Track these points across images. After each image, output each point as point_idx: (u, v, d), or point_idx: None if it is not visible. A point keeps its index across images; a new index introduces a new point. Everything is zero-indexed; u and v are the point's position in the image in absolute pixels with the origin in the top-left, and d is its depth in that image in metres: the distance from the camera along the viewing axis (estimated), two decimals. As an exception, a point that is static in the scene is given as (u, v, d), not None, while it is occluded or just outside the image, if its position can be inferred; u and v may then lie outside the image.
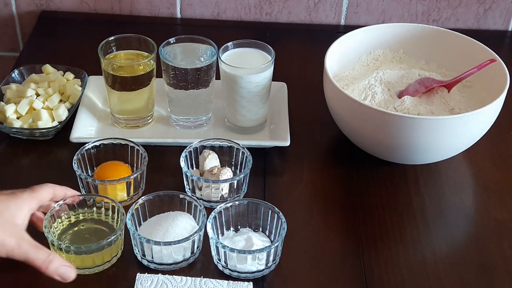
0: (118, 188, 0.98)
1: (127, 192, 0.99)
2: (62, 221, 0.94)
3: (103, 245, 0.88)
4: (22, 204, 0.87)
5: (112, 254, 0.90)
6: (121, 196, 0.99)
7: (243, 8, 1.44)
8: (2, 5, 1.44)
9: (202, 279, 0.89)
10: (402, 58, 1.19)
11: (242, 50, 1.11)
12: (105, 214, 0.94)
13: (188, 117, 1.13)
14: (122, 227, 0.90)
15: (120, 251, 0.92)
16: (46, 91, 1.15)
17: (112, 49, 1.11)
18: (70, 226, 0.94)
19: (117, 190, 0.98)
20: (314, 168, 1.09)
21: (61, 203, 0.92)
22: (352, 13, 1.43)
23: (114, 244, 0.89)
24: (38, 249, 0.85)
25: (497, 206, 1.03)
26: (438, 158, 1.07)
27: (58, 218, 0.93)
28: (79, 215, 0.95)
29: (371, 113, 0.99)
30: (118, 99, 1.12)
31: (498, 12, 1.42)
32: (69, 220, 0.94)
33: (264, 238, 0.94)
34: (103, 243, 0.88)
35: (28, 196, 0.88)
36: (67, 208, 0.93)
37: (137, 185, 1.00)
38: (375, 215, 1.01)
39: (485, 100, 1.05)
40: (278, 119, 1.14)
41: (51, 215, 0.91)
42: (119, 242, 0.91)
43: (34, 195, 0.89)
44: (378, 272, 0.92)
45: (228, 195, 1.01)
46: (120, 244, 0.92)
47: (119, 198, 0.99)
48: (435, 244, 0.97)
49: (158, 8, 1.44)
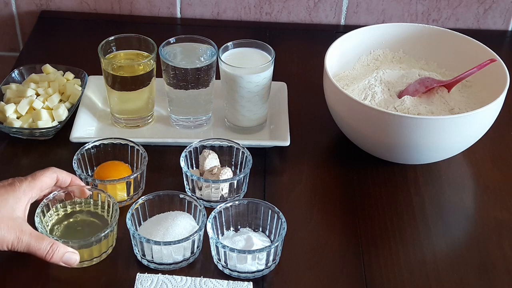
0: (118, 188, 0.98)
1: (127, 192, 0.99)
2: (58, 211, 0.94)
3: (91, 242, 0.88)
4: (21, 196, 0.87)
5: (102, 250, 0.91)
6: (121, 196, 0.99)
7: (243, 8, 1.44)
8: (2, 5, 1.44)
9: (202, 279, 0.89)
10: (402, 58, 1.19)
11: (242, 50, 1.11)
12: (101, 207, 0.94)
13: (188, 117, 1.13)
14: (114, 224, 0.90)
15: (111, 248, 0.92)
16: (46, 91, 1.15)
17: (112, 49, 1.11)
18: (65, 217, 0.94)
19: (117, 190, 0.98)
20: (314, 168, 1.09)
21: (55, 193, 0.92)
22: (352, 13, 1.43)
23: (104, 240, 0.90)
24: (40, 239, 0.86)
25: (497, 206, 1.03)
26: (438, 158, 1.07)
27: (53, 207, 0.93)
28: (75, 205, 0.95)
29: (371, 113, 0.99)
30: (118, 99, 1.12)
31: (498, 12, 1.42)
32: (65, 210, 0.94)
33: (264, 238, 0.94)
34: (91, 239, 0.88)
35: (27, 187, 0.88)
36: (63, 198, 0.93)
37: (137, 185, 1.01)
38: (375, 215, 1.01)
39: (485, 100, 1.05)
40: (278, 119, 1.14)
41: (45, 205, 0.91)
42: (110, 239, 0.91)
43: (34, 184, 0.89)
44: (378, 272, 0.92)
45: (228, 195, 1.01)
46: (111, 241, 0.92)
47: (119, 198, 0.99)
48: (435, 244, 0.97)
49: (158, 8, 1.44)
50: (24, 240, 0.85)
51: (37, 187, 0.90)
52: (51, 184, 0.92)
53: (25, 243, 0.85)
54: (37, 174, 0.90)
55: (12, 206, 0.86)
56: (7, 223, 0.85)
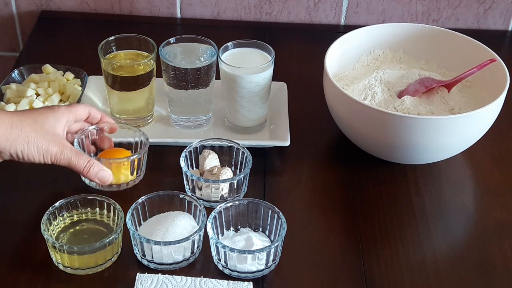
0: (122, 168, 0.99)
1: (130, 172, 1.00)
2: (64, 219, 0.94)
3: (95, 248, 0.88)
4: (60, 116, 0.94)
5: (107, 257, 0.90)
6: (125, 175, 1.00)
7: (243, 8, 1.44)
8: (2, 5, 1.44)
9: (202, 279, 0.89)
10: (402, 58, 1.19)
11: (242, 50, 1.11)
12: (107, 216, 0.95)
13: (188, 117, 1.13)
14: (119, 230, 0.90)
15: (116, 255, 0.92)
16: (46, 91, 1.15)
17: (112, 49, 1.11)
18: (71, 225, 0.94)
19: (121, 169, 0.99)
20: (314, 168, 1.09)
21: (88, 129, 1.01)
22: (352, 13, 1.43)
23: (109, 246, 0.89)
24: (79, 155, 0.94)
25: (497, 206, 1.03)
26: (438, 158, 1.07)
27: (59, 216, 0.93)
28: (82, 214, 0.95)
29: (371, 113, 0.99)
30: (118, 99, 1.12)
31: (498, 12, 1.42)
32: (72, 218, 0.94)
33: (264, 238, 0.94)
34: (96, 245, 0.88)
35: (66, 110, 0.96)
36: (69, 207, 0.94)
37: (140, 167, 1.01)
38: (375, 215, 1.01)
39: (485, 100, 1.05)
40: (278, 119, 1.14)
41: (51, 213, 0.91)
42: (115, 246, 0.91)
43: (71, 109, 0.97)
44: (378, 272, 0.92)
45: (228, 195, 1.01)
46: (117, 247, 0.92)
47: (123, 178, 1.00)
48: (435, 244, 0.97)
49: (158, 8, 1.44)
50: (66, 153, 0.92)
51: (74, 112, 0.97)
52: (85, 116, 0.99)
53: (67, 156, 0.92)
54: (73, 104, 0.99)
55: (53, 124, 0.93)
56: (51, 137, 0.92)
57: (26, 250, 0.93)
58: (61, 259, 0.89)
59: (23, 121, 0.90)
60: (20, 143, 0.89)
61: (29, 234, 0.94)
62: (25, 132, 0.90)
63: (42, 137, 0.91)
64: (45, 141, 0.91)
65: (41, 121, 0.92)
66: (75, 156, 0.93)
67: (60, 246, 0.87)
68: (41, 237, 0.89)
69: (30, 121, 0.91)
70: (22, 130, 0.90)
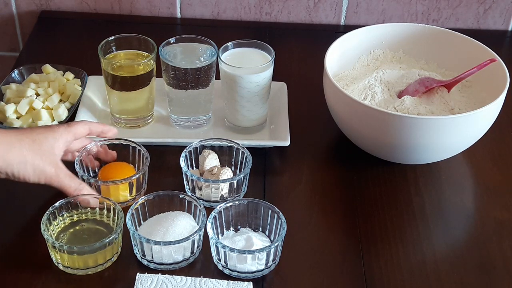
0: (120, 188, 0.98)
1: (129, 192, 0.99)
2: (64, 219, 0.94)
3: (95, 248, 0.88)
4: (59, 137, 0.94)
5: (107, 257, 0.90)
6: (124, 196, 0.99)
7: (243, 8, 1.44)
8: (2, 5, 1.44)
9: (202, 279, 0.89)
10: (402, 58, 1.19)
11: (242, 50, 1.11)
12: (107, 216, 0.95)
13: (188, 117, 1.13)
14: (119, 230, 0.90)
15: (116, 255, 0.92)
16: (46, 91, 1.15)
17: (112, 49, 1.11)
18: (71, 225, 0.94)
19: (119, 190, 0.98)
20: (314, 168, 1.09)
21: (91, 146, 1.01)
22: (352, 13, 1.43)
23: (109, 246, 0.89)
24: (72, 178, 0.94)
25: (497, 206, 1.03)
26: (438, 158, 1.07)
27: (59, 216, 0.93)
28: (81, 214, 0.95)
29: (371, 113, 0.99)
30: (118, 99, 1.12)
31: (498, 12, 1.42)
32: (71, 218, 0.94)
33: (264, 238, 0.94)
34: (95, 245, 0.88)
35: (64, 130, 0.96)
36: (69, 207, 0.94)
37: (140, 186, 1.00)
38: (375, 215, 1.01)
39: (485, 100, 1.05)
40: (278, 119, 1.14)
41: (51, 213, 0.91)
42: (115, 246, 0.91)
43: (70, 129, 0.96)
44: (378, 272, 0.92)
45: (228, 195, 1.01)
46: (117, 247, 0.92)
47: (122, 198, 0.99)
48: (435, 244, 0.97)
49: (158, 8, 1.44)
50: (61, 175, 0.93)
51: (73, 132, 0.96)
52: (84, 133, 0.99)
53: (61, 178, 0.93)
54: (71, 123, 0.98)
55: (51, 144, 0.93)
56: (48, 157, 0.92)
57: (26, 250, 0.93)
58: (61, 259, 0.89)
59: (21, 140, 0.90)
60: (17, 163, 0.89)
61: (29, 234, 0.94)
62: (23, 153, 0.90)
63: (39, 158, 0.91)
64: (42, 162, 0.91)
65: (40, 141, 0.92)
66: (68, 179, 0.94)
67: (60, 246, 0.87)
68: (41, 237, 0.89)
69: (28, 141, 0.91)
70: (20, 150, 0.90)
